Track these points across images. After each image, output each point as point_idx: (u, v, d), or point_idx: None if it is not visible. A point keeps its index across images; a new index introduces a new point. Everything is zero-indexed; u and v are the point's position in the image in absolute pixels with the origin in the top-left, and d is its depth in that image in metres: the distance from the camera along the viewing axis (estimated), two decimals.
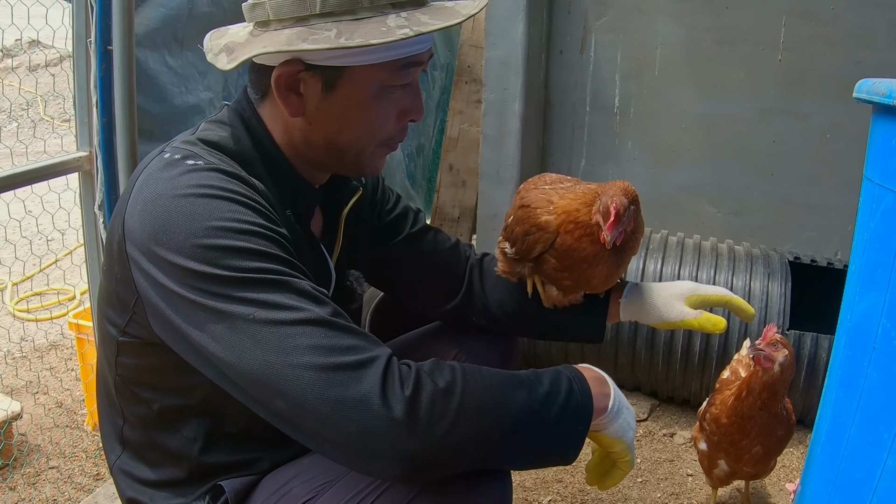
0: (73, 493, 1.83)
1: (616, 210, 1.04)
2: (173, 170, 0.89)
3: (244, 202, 0.87)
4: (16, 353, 2.57)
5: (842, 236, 2.32)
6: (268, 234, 0.86)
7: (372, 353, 0.82)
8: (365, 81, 0.95)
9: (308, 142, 1.00)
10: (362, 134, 0.99)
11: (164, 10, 1.68)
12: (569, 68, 2.47)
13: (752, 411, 1.43)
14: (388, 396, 0.78)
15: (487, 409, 0.83)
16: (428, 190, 3.32)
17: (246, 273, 0.82)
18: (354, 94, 0.95)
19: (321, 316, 0.82)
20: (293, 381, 0.79)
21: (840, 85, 2.18)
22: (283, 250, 0.87)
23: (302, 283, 0.84)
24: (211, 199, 0.85)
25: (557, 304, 1.24)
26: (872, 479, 0.88)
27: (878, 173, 0.93)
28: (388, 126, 1.00)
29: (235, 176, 0.91)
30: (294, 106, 0.96)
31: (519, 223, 1.18)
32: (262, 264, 0.83)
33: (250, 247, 0.83)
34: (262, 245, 0.85)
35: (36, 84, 5.53)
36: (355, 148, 1.00)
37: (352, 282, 1.15)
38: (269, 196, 0.95)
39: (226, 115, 1.02)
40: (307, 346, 0.79)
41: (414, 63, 0.97)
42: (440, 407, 0.80)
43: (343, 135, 0.99)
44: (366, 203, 1.22)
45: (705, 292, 1.21)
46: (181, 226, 0.84)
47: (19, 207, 2.24)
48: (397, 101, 0.99)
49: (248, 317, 0.80)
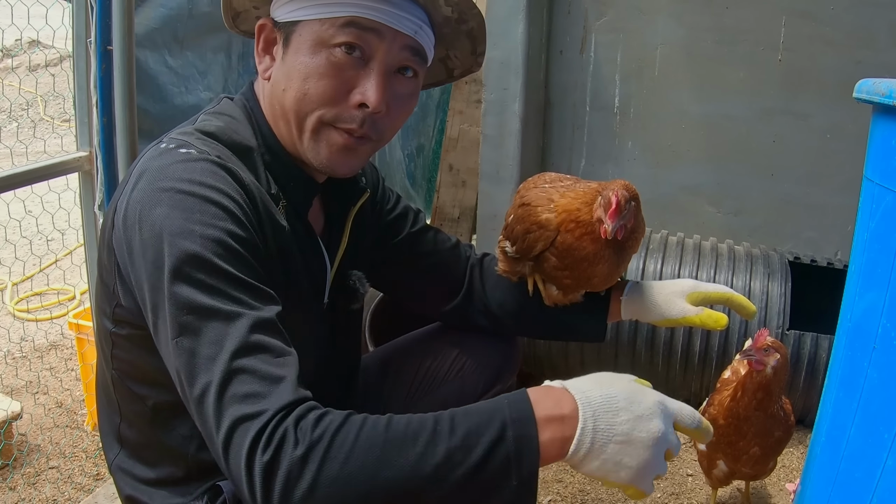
0: (73, 493, 1.83)
1: (618, 200, 1.04)
2: (165, 159, 0.90)
3: (223, 204, 0.86)
4: (16, 353, 2.57)
5: (842, 236, 2.32)
6: (238, 247, 0.85)
7: (261, 408, 0.76)
8: (309, 34, 0.94)
9: (272, 111, 1.00)
10: (299, 93, 0.95)
11: (164, 10, 1.68)
12: (569, 68, 2.47)
13: (748, 412, 1.43)
14: (251, 461, 0.74)
15: (352, 478, 0.73)
16: (428, 190, 3.32)
17: (198, 292, 0.81)
18: (301, 47, 0.95)
19: (240, 365, 0.78)
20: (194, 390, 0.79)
21: (840, 85, 2.18)
22: (245, 266, 0.85)
23: (242, 321, 0.81)
24: (190, 197, 0.85)
25: (558, 302, 1.24)
26: (872, 479, 0.88)
27: (878, 173, 0.93)
28: (328, 94, 0.94)
29: (224, 167, 0.90)
30: (265, 66, 0.99)
31: (519, 221, 1.18)
32: (219, 286, 0.82)
33: (217, 264, 0.82)
34: (226, 265, 0.83)
35: (36, 84, 5.53)
36: (296, 113, 0.96)
37: (354, 281, 1.15)
38: (259, 189, 0.95)
39: (225, 107, 1.03)
40: (200, 361, 0.79)
41: (360, 25, 0.93)
42: (294, 477, 0.73)
43: (286, 95, 0.96)
44: (367, 204, 1.22)
45: (706, 289, 1.21)
46: (158, 213, 0.84)
47: (19, 207, 2.24)
48: (343, 70, 0.94)
49: (177, 318, 0.81)
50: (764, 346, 1.39)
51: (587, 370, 2.32)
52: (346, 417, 0.77)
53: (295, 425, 0.75)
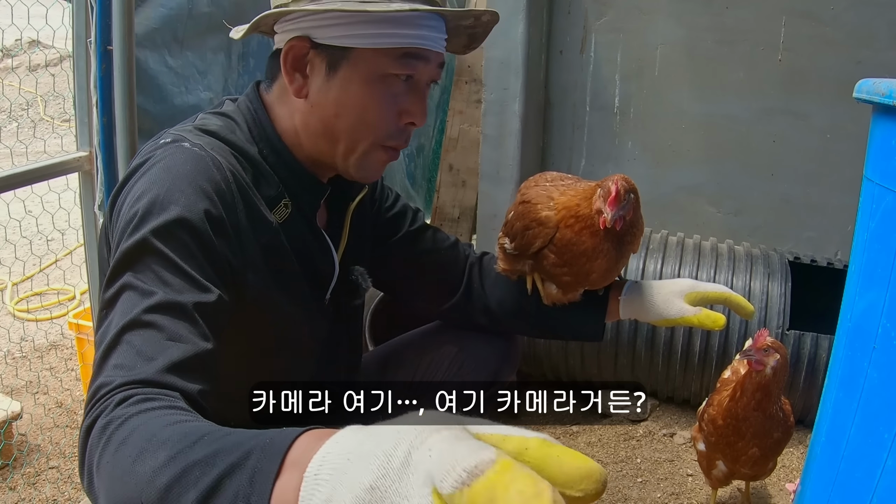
0: (73, 493, 1.83)
1: (617, 189, 1.05)
2: (161, 150, 0.92)
3: (208, 193, 0.89)
4: (16, 353, 2.57)
5: (842, 236, 2.32)
6: (208, 242, 0.87)
7: (117, 379, 0.74)
8: (365, 65, 0.96)
9: (307, 126, 1.01)
10: (357, 122, 0.99)
11: (164, 10, 1.68)
12: (569, 68, 2.47)
13: (747, 412, 1.43)
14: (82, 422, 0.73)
15: (117, 467, 0.66)
16: (428, 190, 3.32)
17: (132, 274, 0.82)
18: (354, 76, 0.96)
19: (125, 338, 0.78)
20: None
21: (840, 85, 2.18)
22: (188, 255, 0.85)
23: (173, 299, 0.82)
24: (175, 178, 0.88)
25: (557, 301, 1.24)
26: (872, 479, 0.88)
27: (878, 173, 0.93)
28: (385, 121, 1.00)
29: (214, 161, 0.92)
30: (298, 85, 0.99)
31: (519, 218, 1.19)
32: (152, 268, 0.83)
33: (171, 254, 0.83)
34: (185, 253, 0.84)
35: (36, 84, 5.52)
36: (350, 138, 1.00)
37: (356, 277, 1.15)
38: (251, 185, 0.97)
39: (226, 107, 1.04)
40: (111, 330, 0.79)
41: (416, 56, 0.97)
42: (92, 448, 0.70)
43: (340, 121, 0.99)
44: (367, 201, 1.22)
45: (704, 289, 1.21)
46: (135, 196, 0.87)
47: (19, 207, 2.23)
48: (397, 96, 0.99)
49: (104, 303, 0.82)
50: (764, 346, 1.39)
51: (587, 370, 2.31)
52: (148, 409, 0.70)
53: (119, 402, 0.71)
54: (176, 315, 0.80)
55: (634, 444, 2.05)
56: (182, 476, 0.60)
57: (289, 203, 1.02)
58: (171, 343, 0.78)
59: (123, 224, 0.86)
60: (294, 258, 1.02)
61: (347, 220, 1.14)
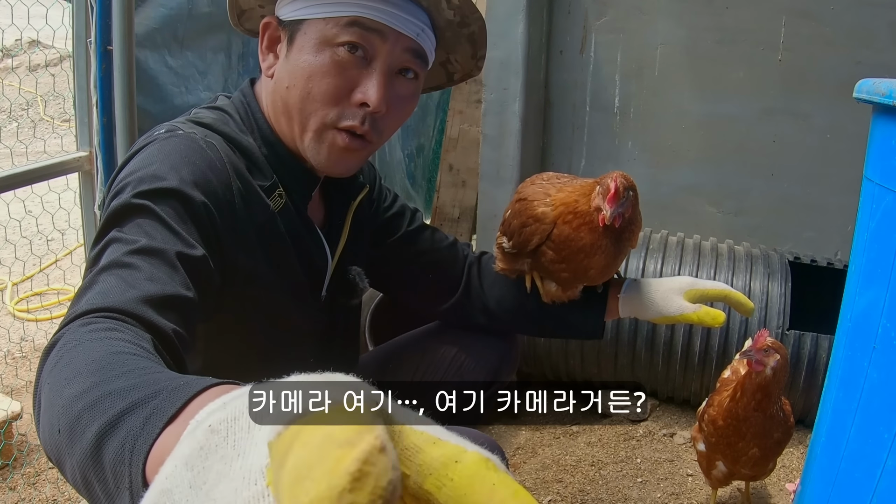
0: (73, 493, 1.83)
1: (616, 187, 1.05)
2: (155, 144, 0.93)
3: (202, 169, 0.89)
4: (16, 353, 2.57)
5: (842, 236, 2.32)
6: (198, 213, 0.87)
7: (84, 307, 0.73)
8: (314, 33, 0.96)
9: (274, 107, 1.01)
10: (303, 91, 0.96)
11: (164, 10, 1.68)
12: (569, 68, 2.47)
13: (747, 412, 1.43)
14: (56, 333, 0.72)
15: (52, 388, 0.63)
16: (428, 190, 3.32)
17: (122, 230, 0.82)
18: (304, 45, 0.96)
19: (103, 275, 0.78)
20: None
21: (840, 85, 2.18)
22: (195, 226, 0.86)
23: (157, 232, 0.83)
24: (168, 155, 0.89)
25: (556, 299, 1.24)
26: (872, 479, 0.88)
27: (878, 173, 0.93)
28: (331, 93, 0.96)
29: (209, 144, 0.93)
30: (269, 64, 1.00)
31: (516, 216, 1.19)
32: (144, 228, 0.83)
33: (160, 212, 0.84)
34: (173, 216, 0.85)
35: (36, 84, 5.52)
36: (301, 113, 0.98)
37: (354, 276, 1.15)
38: (245, 173, 0.97)
39: (219, 102, 1.05)
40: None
41: (363, 25, 0.94)
42: (39, 365, 0.69)
43: (291, 93, 0.97)
44: (365, 201, 1.22)
45: (704, 287, 1.21)
46: (134, 171, 0.88)
47: (19, 207, 2.23)
48: (345, 69, 0.95)
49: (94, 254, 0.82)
50: (764, 346, 1.38)
51: (587, 370, 2.31)
52: (105, 338, 0.67)
53: (82, 325, 0.70)
54: (158, 260, 0.79)
55: (634, 444, 2.05)
56: (93, 406, 0.56)
57: (283, 193, 1.02)
58: (149, 283, 0.76)
59: (115, 192, 0.87)
60: (291, 246, 1.03)
61: (348, 220, 1.14)
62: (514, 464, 1.92)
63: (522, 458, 1.95)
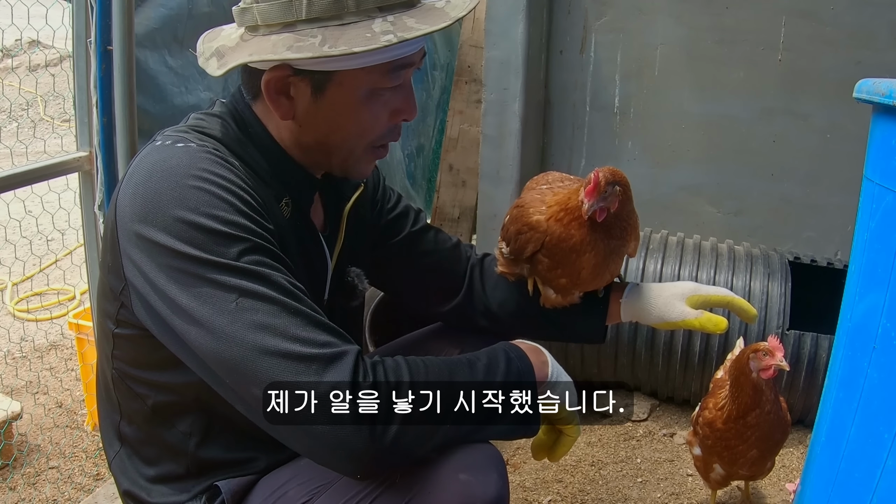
0: (73, 493, 1.83)
1: (596, 179, 1.04)
2: (164, 153, 0.91)
3: (232, 189, 0.89)
4: (16, 353, 2.57)
5: (842, 236, 2.32)
6: (253, 225, 0.88)
7: (342, 349, 0.85)
8: (354, 85, 0.95)
9: (298, 142, 1.01)
10: (352, 136, 0.99)
11: (164, 10, 1.68)
12: (569, 68, 2.47)
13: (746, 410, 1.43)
14: (356, 391, 0.82)
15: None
16: (428, 190, 3.32)
17: (229, 260, 0.84)
18: (344, 97, 0.96)
19: (299, 308, 0.85)
20: (269, 368, 0.81)
21: (840, 85, 2.18)
22: (266, 242, 0.89)
23: (279, 278, 0.87)
24: (200, 181, 0.87)
25: (556, 305, 1.24)
26: (872, 479, 0.88)
27: (878, 173, 0.93)
28: (379, 127, 1.00)
29: (225, 161, 0.92)
30: (284, 109, 0.97)
31: (513, 222, 1.19)
32: (245, 254, 0.85)
33: (236, 234, 0.86)
34: (247, 234, 0.87)
35: (36, 84, 5.52)
36: (344, 149, 1.01)
37: (353, 278, 1.15)
38: (257, 186, 0.96)
39: (218, 109, 1.03)
40: (284, 336, 0.82)
41: (404, 65, 0.97)
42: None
43: (333, 137, 0.99)
44: (367, 201, 1.22)
45: (706, 292, 1.21)
46: (170, 205, 0.86)
47: (19, 207, 2.23)
48: (388, 102, 0.99)
49: (228, 303, 0.83)
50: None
51: (587, 370, 2.31)
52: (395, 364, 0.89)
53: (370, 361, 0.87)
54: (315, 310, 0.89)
55: (634, 444, 2.05)
56: (487, 370, 0.93)
57: (289, 202, 1.02)
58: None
59: (184, 236, 0.85)
60: (299, 253, 1.03)
61: (343, 221, 1.14)
62: (515, 464, 1.92)
63: (522, 458, 1.95)
